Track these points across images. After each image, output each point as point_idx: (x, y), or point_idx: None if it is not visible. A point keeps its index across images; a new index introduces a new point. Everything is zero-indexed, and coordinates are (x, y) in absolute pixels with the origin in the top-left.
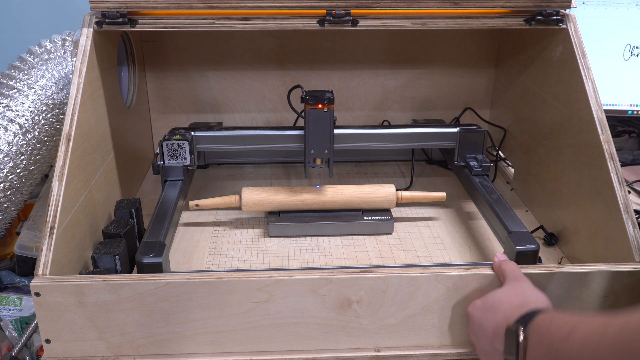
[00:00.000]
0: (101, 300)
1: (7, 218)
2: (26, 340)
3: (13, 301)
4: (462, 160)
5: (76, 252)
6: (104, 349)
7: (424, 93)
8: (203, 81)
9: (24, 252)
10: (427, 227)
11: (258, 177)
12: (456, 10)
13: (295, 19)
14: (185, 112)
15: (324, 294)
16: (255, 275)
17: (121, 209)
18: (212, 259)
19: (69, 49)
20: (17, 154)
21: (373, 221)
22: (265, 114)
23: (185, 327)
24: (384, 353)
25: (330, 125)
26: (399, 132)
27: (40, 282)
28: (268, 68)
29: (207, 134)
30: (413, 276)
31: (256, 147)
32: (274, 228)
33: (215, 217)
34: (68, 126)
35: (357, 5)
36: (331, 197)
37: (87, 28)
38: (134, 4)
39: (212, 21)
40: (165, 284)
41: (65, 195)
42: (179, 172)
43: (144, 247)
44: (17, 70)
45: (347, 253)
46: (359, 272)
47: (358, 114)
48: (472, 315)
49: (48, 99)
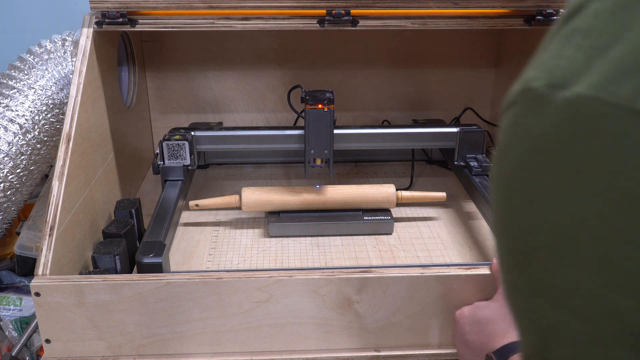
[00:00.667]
0: (101, 300)
1: (7, 218)
2: (26, 340)
3: (13, 301)
4: (462, 160)
5: (76, 252)
6: (104, 349)
7: (424, 93)
8: (203, 81)
9: (24, 252)
10: (427, 227)
11: (258, 177)
12: (456, 10)
13: (295, 19)
14: (185, 112)
15: (324, 294)
16: (255, 275)
17: (121, 209)
18: (212, 259)
19: (69, 49)
20: (17, 154)
21: (373, 221)
22: (265, 114)
23: (185, 327)
24: (384, 353)
25: (331, 125)
26: (399, 132)
27: (40, 282)
28: (268, 68)
29: (207, 134)
30: (413, 276)
31: (256, 147)
32: (274, 228)
33: (215, 217)
34: (68, 126)
35: (357, 5)
36: (331, 197)
37: (87, 28)
38: (134, 4)
39: (212, 21)
40: (165, 284)
41: (65, 195)
42: (179, 172)
43: (144, 247)
44: (17, 70)
45: (347, 253)
46: (359, 272)
47: (358, 114)
48: (458, 323)
49: (48, 99)
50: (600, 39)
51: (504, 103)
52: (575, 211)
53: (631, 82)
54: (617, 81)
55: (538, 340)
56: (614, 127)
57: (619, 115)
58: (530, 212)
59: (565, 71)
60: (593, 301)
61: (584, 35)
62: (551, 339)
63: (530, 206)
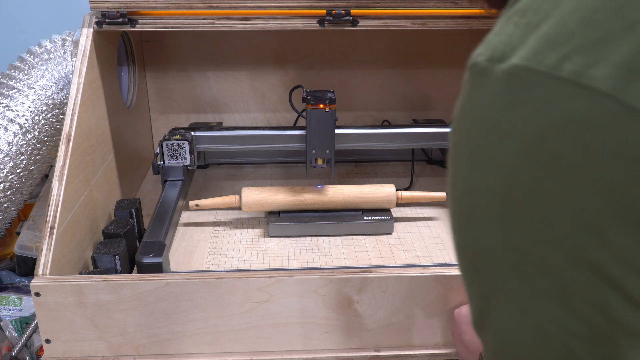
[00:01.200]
0: (101, 300)
1: (7, 218)
2: (26, 340)
3: (13, 301)
4: None
5: (76, 252)
6: (104, 349)
7: (424, 93)
8: (203, 81)
9: (24, 252)
10: (427, 227)
11: (258, 177)
12: (456, 10)
13: (295, 19)
14: (185, 112)
15: (324, 294)
16: (255, 275)
17: (121, 209)
18: (212, 259)
19: (69, 49)
20: (17, 154)
21: (373, 221)
22: (265, 114)
23: (185, 327)
24: (384, 353)
25: (332, 125)
26: (399, 132)
27: (40, 282)
28: (268, 68)
29: (207, 134)
30: (413, 276)
31: (256, 147)
32: (274, 228)
33: (215, 217)
34: (68, 126)
35: (357, 5)
36: (331, 197)
37: (87, 28)
38: (134, 4)
39: (212, 21)
40: (165, 284)
41: (65, 195)
42: (179, 172)
43: (144, 247)
44: (17, 70)
45: (347, 253)
46: (359, 272)
47: (358, 114)
48: (456, 322)
49: (48, 99)
50: (535, 17)
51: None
52: (509, 174)
53: (556, 53)
54: (544, 52)
55: (480, 301)
56: (540, 93)
57: (545, 83)
58: (472, 176)
59: (505, 46)
60: (528, 258)
61: (522, 15)
62: (491, 297)
63: (471, 170)
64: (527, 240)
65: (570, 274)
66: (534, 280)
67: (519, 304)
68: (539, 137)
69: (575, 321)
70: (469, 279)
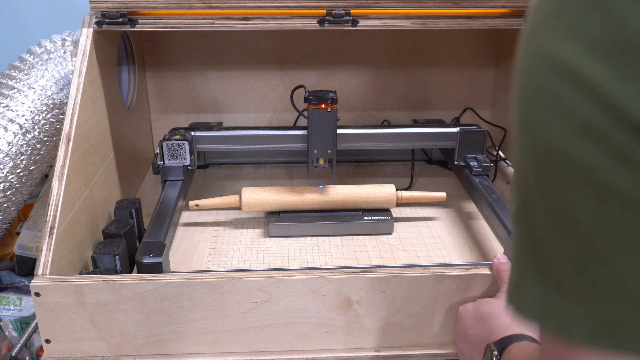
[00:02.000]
0: (101, 300)
1: (7, 218)
2: (26, 340)
3: (13, 301)
4: (462, 160)
5: (76, 252)
6: (104, 349)
7: (424, 93)
8: (203, 81)
9: (24, 252)
10: (427, 227)
11: (258, 177)
12: (456, 10)
13: (295, 19)
14: (185, 112)
15: (324, 294)
16: (255, 275)
17: (121, 209)
18: (212, 259)
19: (69, 49)
20: (17, 154)
21: (373, 221)
22: (265, 114)
23: (185, 327)
24: (384, 353)
25: (334, 125)
26: (399, 132)
27: (40, 282)
28: (268, 68)
29: (207, 134)
30: (413, 276)
31: (256, 147)
32: (274, 228)
33: (215, 217)
34: (68, 126)
35: (357, 5)
36: (331, 197)
37: (87, 28)
38: (134, 4)
39: (212, 21)
40: (165, 284)
41: (65, 195)
42: (179, 172)
43: (144, 247)
44: (17, 70)
45: (347, 253)
46: (359, 272)
47: (358, 114)
48: (461, 318)
49: (48, 99)
50: None
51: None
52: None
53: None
54: None
55: (520, 201)
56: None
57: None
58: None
59: None
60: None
61: None
62: (530, 197)
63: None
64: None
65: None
66: (556, 172)
67: (546, 198)
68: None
69: None
70: (516, 183)
